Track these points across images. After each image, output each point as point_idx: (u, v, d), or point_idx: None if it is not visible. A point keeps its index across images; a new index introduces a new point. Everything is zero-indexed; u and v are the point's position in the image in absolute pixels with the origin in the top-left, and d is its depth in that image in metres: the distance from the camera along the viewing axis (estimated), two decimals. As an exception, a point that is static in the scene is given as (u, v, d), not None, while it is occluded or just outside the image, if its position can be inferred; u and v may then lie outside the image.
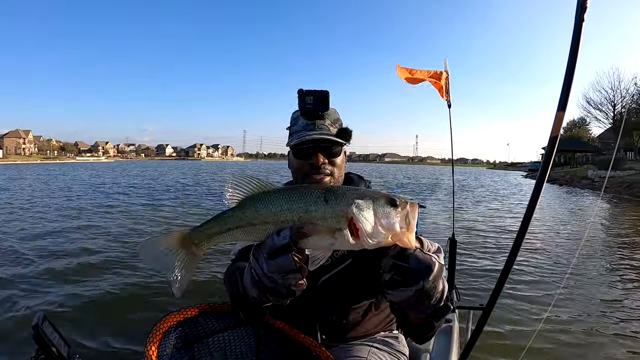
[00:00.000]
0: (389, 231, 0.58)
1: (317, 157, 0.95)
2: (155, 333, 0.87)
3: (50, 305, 3.36)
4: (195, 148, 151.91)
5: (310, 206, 0.60)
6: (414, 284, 0.62)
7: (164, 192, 14.54)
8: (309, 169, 0.97)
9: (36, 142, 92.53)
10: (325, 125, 0.97)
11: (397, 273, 0.63)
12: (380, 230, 0.58)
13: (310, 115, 0.96)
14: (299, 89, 0.94)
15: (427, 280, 0.62)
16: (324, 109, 0.95)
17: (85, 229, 6.93)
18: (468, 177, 35.73)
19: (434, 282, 0.64)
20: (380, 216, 0.58)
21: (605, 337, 2.98)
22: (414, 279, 0.62)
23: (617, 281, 4.48)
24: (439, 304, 0.68)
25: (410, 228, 0.60)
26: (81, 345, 2.63)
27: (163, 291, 3.78)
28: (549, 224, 8.78)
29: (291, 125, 1.03)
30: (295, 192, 0.62)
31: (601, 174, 21.89)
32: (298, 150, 0.98)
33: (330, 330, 1.04)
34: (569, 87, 1.01)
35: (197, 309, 0.99)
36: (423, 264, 0.62)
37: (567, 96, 1.02)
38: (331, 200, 0.60)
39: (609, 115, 35.91)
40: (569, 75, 1.01)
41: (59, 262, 4.70)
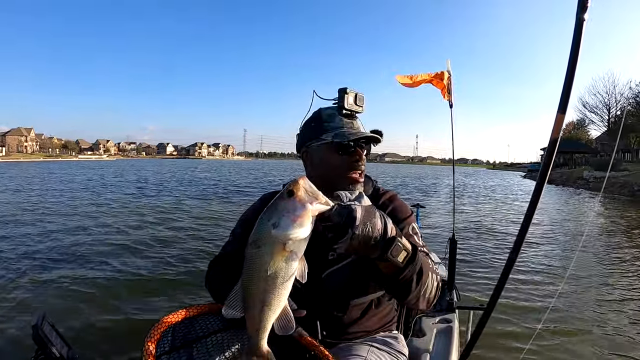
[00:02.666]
0: (306, 213, 0.64)
1: (360, 153, 1.01)
2: (153, 333, 0.88)
3: (50, 306, 3.37)
4: (196, 147, 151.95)
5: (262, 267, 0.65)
6: (344, 234, 0.68)
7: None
8: (351, 165, 1.01)
9: (38, 140, 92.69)
10: (360, 125, 1.04)
11: (329, 231, 0.70)
12: (301, 221, 0.64)
13: (349, 114, 1.02)
14: (341, 88, 0.99)
15: (354, 226, 0.68)
16: (361, 111, 1.02)
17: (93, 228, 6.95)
18: (468, 177, 35.70)
19: (363, 225, 0.69)
20: (291, 213, 0.64)
21: (605, 337, 2.98)
22: (343, 230, 0.68)
23: (617, 281, 4.48)
24: (384, 237, 0.74)
25: (316, 194, 0.66)
26: (81, 345, 2.64)
27: (162, 291, 3.80)
28: (547, 223, 8.80)
29: (324, 121, 1.04)
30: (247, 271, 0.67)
31: (596, 175, 22.70)
32: (343, 146, 1.00)
33: (331, 326, 1.05)
34: (570, 89, 1.01)
35: (196, 309, 1.00)
36: (343, 213, 0.68)
37: (567, 98, 1.02)
38: (258, 246, 0.65)
39: (604, 119, 37.06)
40: (570, 77, 1.01)
41: (60, 262, 4.73)
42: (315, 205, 0.66)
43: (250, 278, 0.67)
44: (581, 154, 41.68)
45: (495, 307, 1.42)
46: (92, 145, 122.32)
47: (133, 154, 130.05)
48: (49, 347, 0.82)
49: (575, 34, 0.99)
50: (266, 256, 0.65)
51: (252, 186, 18.06)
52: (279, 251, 0.65)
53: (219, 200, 12.00)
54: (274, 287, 0.67)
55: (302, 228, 0.64)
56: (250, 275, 0.67)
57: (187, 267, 4.69)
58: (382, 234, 0.73)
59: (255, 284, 0.67)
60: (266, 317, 0.69)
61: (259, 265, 0.66)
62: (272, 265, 0.65)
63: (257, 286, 0.67)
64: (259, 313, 0.68)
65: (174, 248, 5.62)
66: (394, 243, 0.76)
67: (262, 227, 0.66)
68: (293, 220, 0.64)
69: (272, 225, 0.65)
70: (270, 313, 0.69)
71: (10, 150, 78.88)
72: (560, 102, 1.02)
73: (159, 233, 6.61)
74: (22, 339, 2.72)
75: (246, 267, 0.68)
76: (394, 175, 34.97)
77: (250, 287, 0.68)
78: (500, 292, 1.31)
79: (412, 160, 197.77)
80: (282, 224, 0.64)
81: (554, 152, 1.09)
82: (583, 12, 0.99)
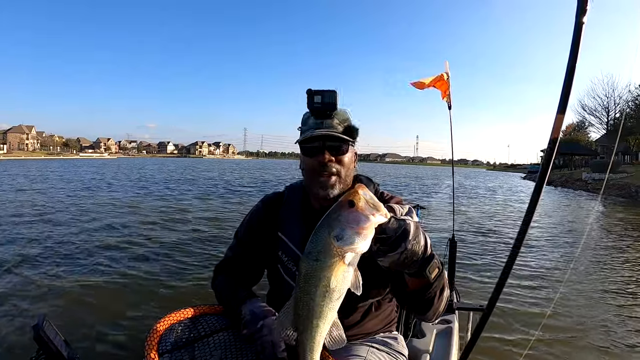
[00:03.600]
0: (370, 226, 0.63)
1: (324, 155, 0.97)
2: (155, 332, 0.88)
3: (51, 306, 3.38)
4: (196, 146, 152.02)
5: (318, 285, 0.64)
6: (397, 248, 0.68)
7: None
8: (317, 167, 0.98)
9: (39, 138, 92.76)
10: (333, 124, 0.98)
11: (381, 244, 0.69)
12: (365, 233, 0.62)
13: (319, 114, 0.98)
14: (308, 89, 0.95)
15: (407, 241, 0.68)
16: (332, 108, 0.97)
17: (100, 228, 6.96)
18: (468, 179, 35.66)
19: (414, 240, 0.70)
20: (355, 224, 0.62)
21: (605, 337, 2.98)
22: (396, 244, 0.68)
23: (616, 281, 4.49)
24: (425, 254, 0.75)
25: (377, 206, 0.65)
26: (82, 346, 2.65)
27: (163, 291, 3.80)
28: (547, 225, 8.81)
29: (302, 124, 1.04)
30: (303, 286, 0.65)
31: (594, 177, 23.16)
32: (306, 148, 0.99)
33: None
34: (569, 90, 1.02)
35: (198, 309, 1.00)
36: (399, 228, 0.68)
37: (566, 99, 1.02)
38: (317, 259, 0.63)
39: (603, 121, 37.57)
40: (569, 78, 1.01)
41: (60, 263, 4.73)
42: (377, 217, 0.64)
43: (307, 292, 0.65)
44: (581, 156, 41.89)
45: (495, 309, 1.42)
46: (93, 143, 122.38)
47: (134, 153, 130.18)
48: (49, 347, 0.82)
49: (575, 36, 0.99)
50: (326, 270, 0.63)
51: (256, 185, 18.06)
52: (340, 264, 0.63)
53: (223, 200, 12.03)
54: (331, 300, 0.65)
55: (366, 240, 0.63)
56: (307, 290, 0.64)
57: (189, 267, 4.70)
58: (424, 251, 0.73)
59: (312, 299, 0.64)
60: (321, 331, 0.67)
61: (317, 279, 0.63)
62: (332, 279, 0.63)
63: (315, 301, 0.64)
64: (314, 328, 0.66)
65: (175, 248, 5.63)
66: (432, 261, 0.76)
67: (321, 239, 0.63)
68: (358, 233, 0.62)
69: (334, 238, 0.62)
70: (326, 327, 0.67)
71: (12, 148, 78.92)
72: (559, 102, 1.03)
73: (160, 233, 6.61)
74: (23, 339, 2.73)
75: (302, 281, 0.65)
76: (394, 176, 34.95)
77: (307, 302, 0.65)
78: (500, 294, 1.31)
79: (412, 160, 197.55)
80: (345, 236, 0.62)
81: (553, 152, 1.10)
82: (582, 15, 0.99)
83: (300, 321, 0.66)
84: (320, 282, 0.63)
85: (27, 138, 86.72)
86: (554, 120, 1.05)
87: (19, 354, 2.56)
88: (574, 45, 0.99)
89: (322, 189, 0.98)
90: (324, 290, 0.64)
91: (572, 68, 1.00)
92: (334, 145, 0.97)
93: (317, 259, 0.63)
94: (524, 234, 1.18)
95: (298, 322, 0.67)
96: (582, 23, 0.95)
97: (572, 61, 0.99)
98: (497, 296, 1.29)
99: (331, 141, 0.97)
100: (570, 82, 1.01)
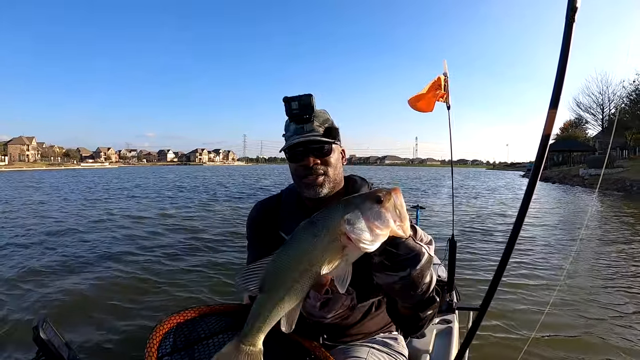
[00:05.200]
0: (387, 228, 0.59)
1: (308, 159, 0.98)
2: (155, 334, 0.88)
3: (52, 307, 3.38)
4: (196, 153, 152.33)
5: (309, 250, 0.59)
6: (400, 270, 0.65)
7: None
8: (303, 171, 1.00)
9: (39, 149, 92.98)
10: (314, 127, 1.00)
11: (387, 258, 0.65)
12: (378, 233, 0.58)
13: (298, 119, 0.99)
14: (284, 97, 0.98)
15: (413, 268, 0.65)
16: (310, 111, 0.98)
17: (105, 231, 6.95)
18: (468, 179, 35.70)
19: (420, 272, 0.66)
20: (373, 219, 0.58)
21: (604, 334, 2.96)
22: (401, 265, 0.65)
23: (615, 278, 4.47)
24: (425, 295, 0.70)
25: (402, 216, 0.61)
26: (82, 347, 2.65)
27: (164, 293, 3.80)
28: (545, 221, 8.81)
29: (285, 132, 1.05)
30: (290, 248, 0.60)
31: (591, 172, 23.73)
32: (290, 155, 1.01)
33: (331, 330, 1.05)
34: (561, 85, 1.03)
35: (198, 310, 1.00)
36: (413, 251, 0.65)
37: (558, 94, 1.03)
38: (320, 232, 0.58)
39: (598, 118, 38.16)
40: (561, 73, 1.03)
41: (61, 263, 4.73)
42: (397, 226, 0.60)
43: (289, 258, 0.59)
44: (579, 152, 42.19)
45: (495, 307, 1.42)
46: (93, 153, 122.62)
47: (134, 161, 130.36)
48: (49, 349, 0.82)
49: (565, 34, 1.01)
50: (320, 246, 0.58)
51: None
52: (337, 251, 0.58)
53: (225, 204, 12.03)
54: (308, 280, 0.59)
55: (374, 241, 0.58)
56: (290, 256, 0.59)
57: (190, 269, 4.70)
58: (425, 289, 0.70)
59: (292, 268, 0.59)
60: (283, 306, 0.61)
61: (307, 250, 0.58)
62: (321, 258, 0.58)
63: (293, 271, 0.59)
64: (278, 300, 0.60)
65: (177, 250, 5.63)
66: (432, 304, 0.73)
67: (332, 216, 0.59)
68: (370, 229, 0.58)
69: (346, 221, 0.58)
70: (290, 304, 0.61)
71: (13, 160, 79.08)
72: (551, 97, 1.04)
73: (162, 236, 6.60)
74: (23, 340, 2.73)
75: (290, 246, 0.60)
76: (393, 177, 34.94)
77: (283, 268, 0.59)
78: (495, 291, 1.30)
79: (412, 162, 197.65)
80: (357, 224, 0.58)
81: (546, 148, 1.11)
82: (573, 12, 1.01)
83: (267, 287, 0.60)
84: (308, 255, 0.59)
85: (27, 149, 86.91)
86: (546, 115, 1.06)
87: (19, 355, 2.55)
88: (565, 41, 1.01)
89: (311, 189, 0.99)
90: (308, 266, 0.59)
91: (563, 64, 1.01)
92: (317, 148, 0.99)
93: (316, 234, 0.59)
94: (518, 229, 1.18)
95: (264, 286, 0.61)
96: (574, 20, 0.97)
97: (564, 57, 1.01)
98: (492, 294, 1.29)
99: (314, 144, 0.99)
100: (562, 77, 1.02)
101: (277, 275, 0.60)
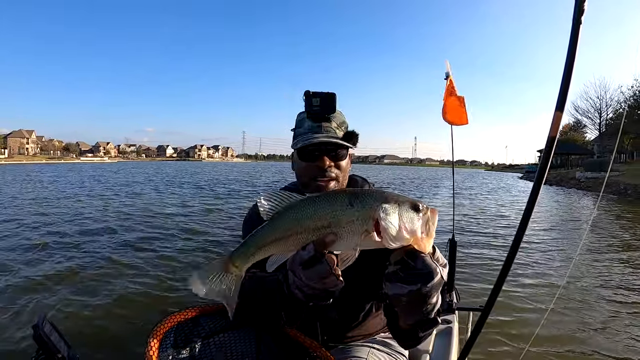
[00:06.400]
0: (412, 235, 0.61)
1: (323, 160, 0.95)
2: (156, 333, 0.88)
3: (51, 305, 3.37)
4: (195, 149, 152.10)
5: (337, 212, 0.61)
6: (412, 284, 0.65)
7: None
8: (315, 172, 0.96)
9: (39, 143, 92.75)
10: (332, 128, 0.97)
11: (402, 269, 0.66)
12: (403, 235, 0.60)
13: (316, 117, 0.96)
14: (306, 91, 0.94)
15: (425, 285, 0.65)
16: (331, 112, 0.95)
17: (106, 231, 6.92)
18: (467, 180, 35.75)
19: (430, 290, 0.66)
20: (405, 220, 0.61)
21: (604, 336, 2.97)
22: (414, 279, 0.65)
23: (616, 278, 4.49)
24: (428, 315, 0.71)
25: (430, 234, 0.63)
26: (82, 345, 2.64)
27: (164, 291, 3.80)
28: (545, 223, 8.85)
29: (296, 127, 1.02)
30: (322, 200, 0.63)
31: (587, 175, 24.34)
32: (304, 153, 0.97)
33: (331, 330, 1.04)
34: (567, 88, 1.02)
35: (198, 309, 0.99)
36: (428, 268, 0.65)
37: (565, 97, 1.03)
38: (356, 204, 0.61)
39: (595, 122, 39.61)
40: (567, 76, 1.02)
41: (61, 262, 4.71)
42: (421, 239, 0.62)
43: (316, 209, 0.61)
44: (577, 155, 42.53)
45: (495, 308, 1.42)
46: (92, 147, 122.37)
47: (133, 156, 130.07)
48: (49, 347, 0.81)
49: (572, 35, 1.00)
50: (350, 215, 0.60)
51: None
52: (360, 229, 0.60)
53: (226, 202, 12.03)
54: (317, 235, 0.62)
55: (396, 241, 0.60)
56: (318, 208, 0.61)
57: (192, 265, 4.69)
58: (430, 309, 0.71)
59: (313, 218, 0.61)
60: (281, 245, 0.64)
61: (336, 211, 0.61)
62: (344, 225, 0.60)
63: (313, 220, 0.61)
64: (281, 238, 0.63)
65: (177, 247, 5.63)
66: (432, 327, 0.74)
67: (375, 198, 0.61)
68: (399, 228, 0.60)
69: (382, 209, 0.60)
70: (288, 247, 0.64)
71: (12, 153, 78.85)
72: (557, 100, 1.03)
73: (163, 236, 6.59)
74: (23, 339, 2.72)
75: (322, 200, 0.62)
76: (393, 177, 34.95)
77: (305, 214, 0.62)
78: (499, 293, 1.30)
79: (411, 162, 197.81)
80: (390, 218, 0.60)
81: (552, 150, 1.10)
82: (580, 14, 1.00)
83: (281, 219, 0.63)
84: (333, 217, 0.61)
85: (27, 142, 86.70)
86: (552, 117, 1.05)
87: (19, 354, 2.55)
88: (572, 43, 1.00)
89: (321, 190, 0.96)
90: (325, 225, 0.61)
91: (570, 66, 1.01)
92: (333, 151, 0.96)
93: (352, 204, 0.61)
94: (522, 231, 1.18)
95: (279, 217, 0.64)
96: (580, 21, 0.96)
97: (570, 59, 1.00)
98: (495, 295, 1.29)
99: (331, 146, 0.95)
100: (568, 79, 1.01)
101: (295, 216, 0.62)
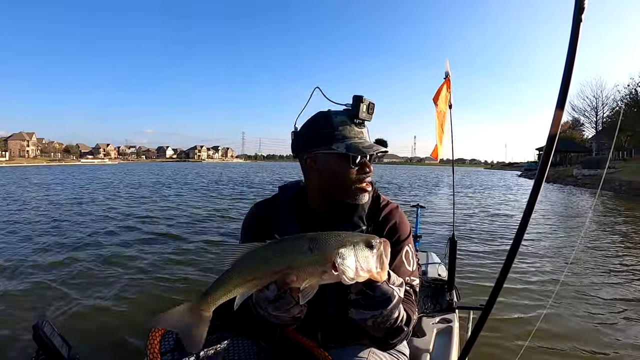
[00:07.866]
0: (368, 272, 0.67)
1: (369, 164, 0.99)
2: (157, 332, 0.88)
3: (51, 305, 3.34)
4: (195, 150, 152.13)
5: (296, 257, 0.66)
6: (374, 309, 0.73)
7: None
8: (360, 176, 0.98)
9: (39, 145, 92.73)
10: (367, 134, 1.01)
11: (363, 298, 0.73)
12: (360, 274, 0.66)
13: (360, 123, 0.99)
14: (355, 95, 0.96)
15: (385, 309, 0.74)
16: (370, 119, 1.01)
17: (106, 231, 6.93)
18: (465, 177, 35.82)
19: (390, 312, 0.75)
20: (360, 261, 0.66)
21: (604, 336, 2.96)
22: (374, 306, 0.73)
23: (616, 276, 4.49)
24: (393, 327, 0.80)
25: (384, 267, 0.69)
26: (81, 346, 2.62)
27: (164, 292, 3.79)
28: (544, 220, 8.88)
29: (335, 129, 0.97)
30: (283, 246, 0.69)
31: (584, 172, 24.95)
32: (356, 158, 0.96)
33: (331, 330, 1.04)
34: (568, 86, 1.02)
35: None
36: (385, 295, 0.73)
37: (565, 95, 1.02)
38: (315, 249, 0.66)
39: (592, 121, 40.30)
40: (567, 74, 1.02)
41: (61, 262, 4.71)
42: (377, 273, 0.68)
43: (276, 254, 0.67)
44: (576, 153, 42.75)
45: (495, 307, 1.42)
46: (92, 149, 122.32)
47: (133, 158, 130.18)
48: (49, 347, 0.82)
49: (573, 33, 1.00)
50: (309, 260, 0.65)
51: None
52: (319, 271, 0.66)
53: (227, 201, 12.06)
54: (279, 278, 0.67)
55: (354, 279, 0.66)
56: (277, 252, 0.67)
57: (191, 265, 4.70)
58: (393, 323, 0.79)
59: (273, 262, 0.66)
60: (245, 287, 0.68)
61: (295, 256, 0.66)
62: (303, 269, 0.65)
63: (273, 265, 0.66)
64: (244, 282, 0.67)
65: (178, 246, 5.64)
66: (399, 335, 0.84)
67: (332, 244, 0.66)
68: (355, 269, 0.66)
69: (339, 254, 0.65)
70: (251, 288, 0.68)
71: (13, 155, 78.86)
72: (558, 98, 1.03)
73: (164, 235, 6.59)
74: (23, 339, 2.71)
75: (282, 244, 0.68)
76: (392, 176, 34.97)
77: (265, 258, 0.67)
78: (499, 292, 1.30)
79: (411, 161, 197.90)
80: (347, 262, 0.65)
81: (552, 148, 1.10)
82: (580, 12, 1.00)
83: (242, 264, 0.68)
84: (292, 261, 0.66)
85: (27, 145, 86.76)
86: (552, 115, 1.05)
87: (19, 354, 2.55)
88: (572, 41, 1.00)
89: (365, 193, 1.00)
90: (285, 268, 0.66)
91: (570, 64, 1.00)
92: (372, 156, 1.00)
93: (311, 249, 0.66)
94: (523, 229, 1.18)
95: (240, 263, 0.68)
96: (581, 19, 0.96)
97: (571, 57, 1.00)
98: (496, 295, 1.29)
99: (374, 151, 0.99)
100: (569, 77, 1.01)
101: (255, 261, 0.68)
